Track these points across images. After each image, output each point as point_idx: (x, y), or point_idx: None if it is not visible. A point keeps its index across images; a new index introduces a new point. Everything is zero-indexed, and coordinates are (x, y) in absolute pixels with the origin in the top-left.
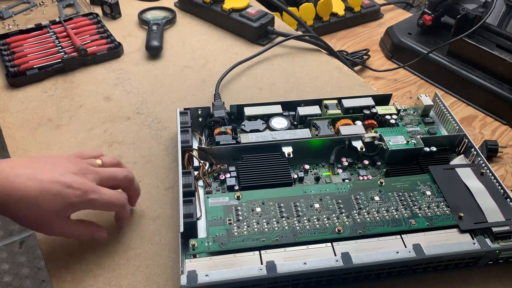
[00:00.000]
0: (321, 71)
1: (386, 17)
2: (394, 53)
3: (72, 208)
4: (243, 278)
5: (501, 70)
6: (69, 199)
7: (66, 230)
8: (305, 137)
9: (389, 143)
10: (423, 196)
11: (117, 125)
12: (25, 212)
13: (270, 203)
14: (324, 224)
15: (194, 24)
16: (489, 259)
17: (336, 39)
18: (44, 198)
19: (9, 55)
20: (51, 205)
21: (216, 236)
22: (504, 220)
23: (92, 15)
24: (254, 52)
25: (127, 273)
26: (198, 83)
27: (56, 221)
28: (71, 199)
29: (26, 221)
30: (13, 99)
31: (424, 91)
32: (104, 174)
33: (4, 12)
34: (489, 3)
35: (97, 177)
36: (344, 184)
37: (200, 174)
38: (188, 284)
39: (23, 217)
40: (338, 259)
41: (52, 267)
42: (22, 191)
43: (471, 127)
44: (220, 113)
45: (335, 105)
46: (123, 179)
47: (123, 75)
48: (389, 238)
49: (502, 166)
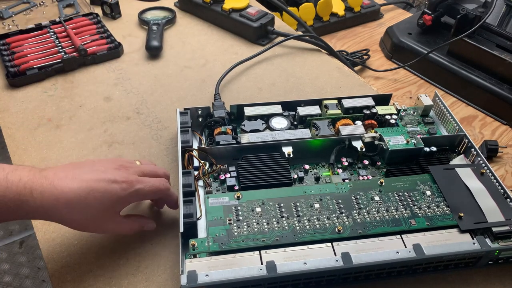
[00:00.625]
0: (321, 71)
1: (386, 17)
2: (394, 53)
3: (121, 203)
4: (243, 278)
5: (501, 70)
6: (116, 193)
7: (118, 226)
8: (305, 137)
9: (389, 143)
10: (423, 196)
11: (117, 125)
12: (76, 214)
13: (270, 203)
14: (324, 224)
15: (194, 24)
16: (489, 259)
17: (336, 39)
18: (93, 196)
19: (9, 55)
20: (101, 203)
21: (216, 236)
22: (504, 220)
23: (92, 15)
24: (254, 52)
25: (127, 273)
26: (198, 83)
27: (108, 219)
28: (118, 193)
29: (78, 223)
30: (13, 99)
31: (424, 91)
32: (145, 169)
33: (4, 12)
34: (489, 3)
35: (138, 170)
36: (344, 184)
37: (200, 174)
38: (188, 284)
39: (74, 220)
40: (338, 259)
41: (52, 267)
42: (70, 193)
43: (471, 127)
44: (220, 113)
45: (335, 105)
46: (162, 175)
47: (123, 75)
48: (389, 238)
49: (502, 166)
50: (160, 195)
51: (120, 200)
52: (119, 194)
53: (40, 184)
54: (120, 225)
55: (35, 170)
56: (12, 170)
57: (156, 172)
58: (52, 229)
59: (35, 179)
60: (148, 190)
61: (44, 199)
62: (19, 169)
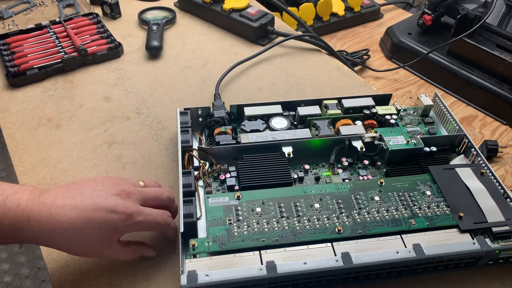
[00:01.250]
0: (321, 71)
1: (386, 17)
2: (394, 53)
3: (118, 233)
4: (243, 278)
5: (501, 70)
6: (114, 224)
7: (116, 254)
8: (305, 137)
9: (389, 143)
10: (423, 196)
11: (117, 125)
12: (72, 243)
13: (270, 203)
14: (324, 224)
15: (194, 24)
16: (489, 259)
17: (336, 39)
18: (90, 227)
19: (9, 55)
20: (98, 233)
21: (216, 236)
22: (504, 220)
23: (92, 15)
24: (254, 52)
25: (127, 273)
26: (198, 83)
27: (105, 247)
28: (116, 224)
29: (74, 250)
30: (13, 99)
31: (424, 91)
32: (148, 194)
33: (4, 12)
34: (489, 3)
35: (141, 197)
36: (344, 184)
37: (200, 174)
38: (188, 284)
39: (71, 248)
40: (338, 259)
41: (52, 267)
42: (67, 223)
43: (471, 127)
44: (220, 113)
45: (335, 105)
46: (166, 200)
47: (123, 75)
48: (389, 238)
49: (502, 166)
50: (160, 229)
51: (118, 230)
52: (117, 225)
53: (37, 211)
54: (119, 252)
55: (35, 193)
56: (12, 194)
57: (160, 196)
58: None
59: (33, 206)
60: (148, 224)
61: (41, 227)
62: (19, 192)
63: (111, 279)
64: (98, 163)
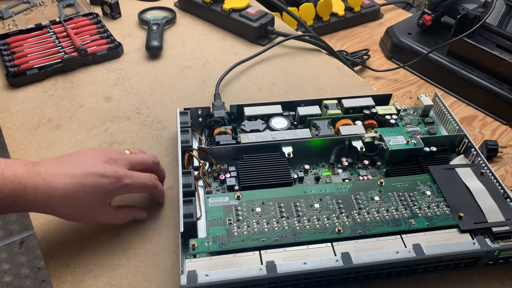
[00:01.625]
0: (321, 71)
1: (386, 17)
2: (394, 53)
3: (110, 196)
4: (243, 278)
5: (501, 70)
6: (105, 187)
7: (109, 217)
8: (305, 137)
9: (389, 143)
10: (423, 196)
11: (117, 125)
12: (67, 208)
13: (270, 203)
14: (324, 224)
15: (194, 24)
16: (489, 259)
17: (336, 39)
18: (83, 192)
19: (9, 55)
20: (90, 197)
21: (216, 236)
22: (504, 220)
23: (92, 15)
24: (254, 52)
25: (127, 273)
26: (198, 83)
27: (98, 211)
28: (107, 187)
29: (71, 216)
30: (13, 99)
31: (424, 91)
32: (134, 159)
33: (4, 12)
34: (489, 3)
35: (127, 162)
36: (344, 184)
37: (200, 174)
38: (188, 284)
39: (67, 213)
40: (338, 259)
41: (52, 267)
42: (61, 190)
43: (471, 127)
44: (220, 113)
45: (335, 105)
46: (152, 164)
47: (123, 75)
48: (389, 238)
49: (502, 166)
50: (148, 191)
51: (109, 193)
52: (108, 188)
53: (33, 180)
54: (112, 215)
55: (29, 165)
56: (7, 166)
57: (145, 161)
58: (52, 229)
59: (28, 176)
60: (136, 185)
61: (38, 195)
62: (13, 165)
63: (111, 279)
64: None
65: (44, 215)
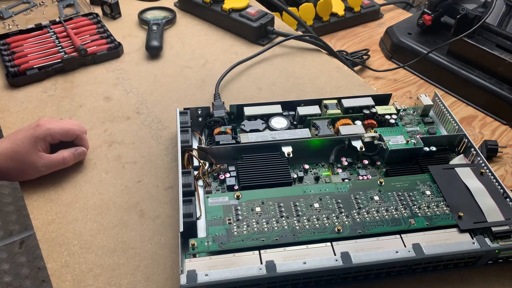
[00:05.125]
0: (321, 71)
1: (386, 17)
2: (394, 53)
3: (39, 141)
4: (243, 277)
5: (501, 70)
6: (32, 135)
7: (49, 161)
8: (305, 137)
9: (389, 143)
10: (423, 196)
11: (117, 125)
12: (9, 162)
13: (270, 203)
14: (324, 223)
15: (194, 24)
16: (488, 258)
17: (336, 39)
18: (16, 144)
19: (9, 55)
20: (23, 146)
21: (216, 236)
22: (504, 219)
23: (92, 15)
24: (254, 52)
25: (127, 273)
26: (198, 83)
27: (36, 158)
28: (33, 134)
29: (13, 170)
30: (13, 99)
31: (424, 91)
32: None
33: (4, 12)
34: (489, 3)
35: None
36: (343, 183)
37: (200, 174)
38: (188, 283)
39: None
40: (338, 258)
41: (52, 267)
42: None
43: (471, 127)
44: (220, 113)
45: (335, 105)
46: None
47: (123, 75)
48: (389, 237)
49: (502, 166)
50: (73, 136)
51: (37, 139)
52: (34, 134)
53: None
54: (50, 159)
55: None
56: None
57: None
58: (52, 229)
59: None
60: (59, 130)
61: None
62: None
63: (111, 279)
64: (97, 162)
65: (44, 215)
